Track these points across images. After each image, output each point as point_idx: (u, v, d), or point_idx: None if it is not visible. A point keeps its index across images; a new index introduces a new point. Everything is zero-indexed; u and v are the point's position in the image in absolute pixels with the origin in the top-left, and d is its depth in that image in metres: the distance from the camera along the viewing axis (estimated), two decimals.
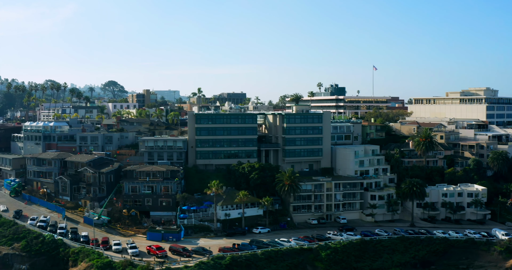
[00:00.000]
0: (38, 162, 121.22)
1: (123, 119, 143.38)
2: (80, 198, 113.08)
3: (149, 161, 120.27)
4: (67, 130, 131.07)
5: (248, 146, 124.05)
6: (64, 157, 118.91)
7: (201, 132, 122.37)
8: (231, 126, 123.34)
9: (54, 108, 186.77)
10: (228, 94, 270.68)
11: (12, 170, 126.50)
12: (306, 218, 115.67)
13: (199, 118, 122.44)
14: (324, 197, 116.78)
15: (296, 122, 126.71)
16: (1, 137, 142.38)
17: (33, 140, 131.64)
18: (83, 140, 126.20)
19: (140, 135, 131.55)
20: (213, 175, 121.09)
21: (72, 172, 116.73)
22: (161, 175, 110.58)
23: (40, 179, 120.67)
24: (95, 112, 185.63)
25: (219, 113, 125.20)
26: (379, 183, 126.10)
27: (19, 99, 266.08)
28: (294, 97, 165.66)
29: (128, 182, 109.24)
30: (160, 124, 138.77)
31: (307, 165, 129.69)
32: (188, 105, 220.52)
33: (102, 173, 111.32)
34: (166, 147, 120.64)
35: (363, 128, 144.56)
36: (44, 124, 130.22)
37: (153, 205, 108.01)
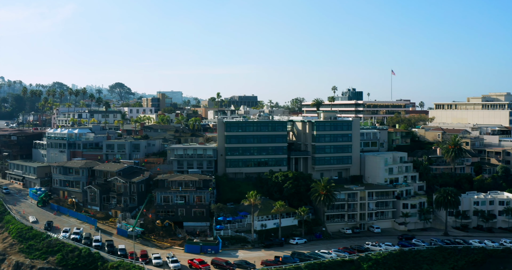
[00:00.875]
0: (64, 171, 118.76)
1: (147, 126, 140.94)
2: (110, 208, 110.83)
3: (179, 170, 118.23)
4: (92, 137, 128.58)
5: (278, 154, 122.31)
6: (92, 166, 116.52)
7: (231, 140, 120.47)
8: (261, 134, 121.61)
9: (69, 113, 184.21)
10: (239, 97, 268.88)
11: (36, 178, 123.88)
12: (339, 227, 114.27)
13: (229, 126, 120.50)
14: (358, 206, 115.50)
15: (325, 129, 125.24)
16: (22, 144, 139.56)
17: (57, 148, 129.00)
18: (110, 148, 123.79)
19: (166, 142, 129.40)
20: (244, 184, 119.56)
21: (101, 182, 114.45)
22: (193, 184, 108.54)
23: (67, 188, 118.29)
24: (111, 116, 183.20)
25: (249, 121, 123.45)
26: (409, 191, 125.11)
27: (30, 102, 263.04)
28: (315, 102, 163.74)
29: (160, 192, 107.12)
30: (185, 131, 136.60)
31: (336, 173, 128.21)
32: (203, 109, 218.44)
33: (133, 183, 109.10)
34: (196, 155, 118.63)
35: (389, 134, 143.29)
36: (69, 131, 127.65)
37: (187, 215, 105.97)
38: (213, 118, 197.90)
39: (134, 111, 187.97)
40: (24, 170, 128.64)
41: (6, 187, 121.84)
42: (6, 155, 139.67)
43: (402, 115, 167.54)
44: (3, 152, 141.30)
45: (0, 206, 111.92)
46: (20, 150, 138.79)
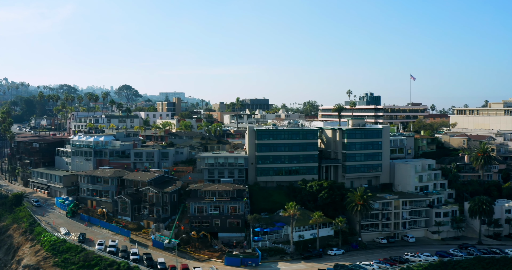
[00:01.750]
0: (92, 180, 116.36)
1: (172, 133, 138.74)
2: (142, 218, 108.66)
3: (209, 179, 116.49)
4: (118, 145, 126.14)
5: (309, 162, 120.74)
6: (121, 175, 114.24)
7: (262, 148, 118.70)
8: (292, 142, 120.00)
9: (86, 118, 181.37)
10: (251, 100, 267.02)
11: (63, 187, 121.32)
12: (373, 237, 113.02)
13: (260, 134, 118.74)
14: (392, 215, 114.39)
15: (356, 137, 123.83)
16: (44, 151, 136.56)
17: (82, 156, 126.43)
18: (138, 156, 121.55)
19: (194, 150, 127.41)
20: (275, 193, 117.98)
21: (131, 191, 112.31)
22: (227, 194, 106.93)
23: (95, 197, 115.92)
24: (128, 121, 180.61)
25: (280, 129, 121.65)
26: (440, 199, 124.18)
27: (39, 106, 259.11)
28: (337, 107, 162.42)
29: (194, 202, 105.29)
30: (211, 138, 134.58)
31: (366, 181, 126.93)
32: (218, 113, 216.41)
33: (166, 193, 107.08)
34: (227, 164, 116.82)
35: (415, 141, 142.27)
36: (95, 139, 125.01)
37: (222, 226, 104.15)
38: (229, 123, 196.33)
39: (150, 115, 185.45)
40: (49, 178, 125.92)
41: (36, 200, 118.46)
42: (28, 163, 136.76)
43: (424, 121, 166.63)
44: (24, 159, 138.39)
45: (29, 217, 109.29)
46: (43, 157, 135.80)
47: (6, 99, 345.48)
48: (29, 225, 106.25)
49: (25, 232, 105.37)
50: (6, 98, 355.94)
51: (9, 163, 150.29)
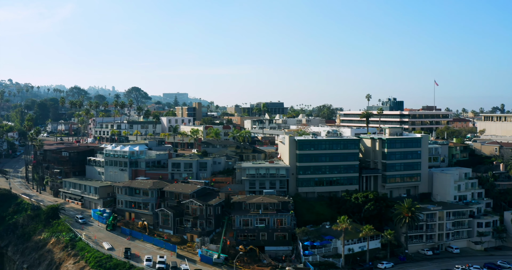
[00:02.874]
0: (130, 191, 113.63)
1: (205, 141, 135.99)
2: (185, 232, 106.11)
3: (251, 190, 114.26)
4: (154, 155, 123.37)
5: (349, 173, 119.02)
6: (161, 187, 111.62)
7: (302, 159, 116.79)
8: (333, 152, 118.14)
9: (107, 123, 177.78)
10: (265, 104, 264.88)
11: (99, 199, 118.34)
12: (418, 248, 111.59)
13: (301, 144, 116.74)
14: (436, 226, 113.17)
15: (396, 147, 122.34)
16: (75, 160, 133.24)
17: (116, 166, 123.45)
18: (176, 166, 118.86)
19: (230, 159, 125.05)
20: (317, 204, 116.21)
21: (172, 203, 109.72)
22: (273, 206, 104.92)
23: (134, 209, 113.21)
24: (150, 127, 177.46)
25: (321, 139, 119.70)
26: (480, 209, 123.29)
27: (53, 109, 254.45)
28: (365, 113, 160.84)
29: (240, 215, 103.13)
30: (246, 147, 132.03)
31: (405, 191, 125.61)
32: (238, 118, 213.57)
33: (210, 206, 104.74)
34: (269, 174, 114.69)
35: (449, 149, 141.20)
36: (130, 148, 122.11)
37: (268, 239, 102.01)
38: (251, 128, 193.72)
39: (172, 121, 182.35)
40: (83, 189, 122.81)
41: (81, 217, 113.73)
42: (57, 172, 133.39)
43: (452, 127, 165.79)
44: (53, 168, 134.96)
45: (68, 231, 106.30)
46: (73, 167, 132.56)
47: (14, 101, 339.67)
48: (69, 239, 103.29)
49: (66, 247, 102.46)
50: (14, 100, 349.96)
51: (35, 171, 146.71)
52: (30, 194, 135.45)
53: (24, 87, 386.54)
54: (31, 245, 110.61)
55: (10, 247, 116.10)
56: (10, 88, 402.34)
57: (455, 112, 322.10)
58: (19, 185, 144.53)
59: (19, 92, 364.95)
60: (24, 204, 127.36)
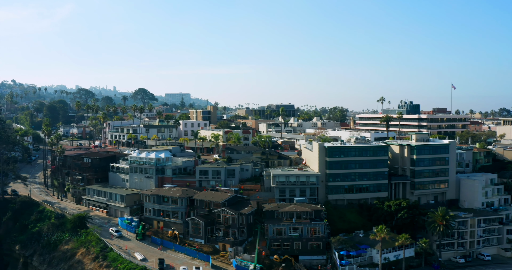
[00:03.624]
0: (158, 200, 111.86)
1: (230, 147, 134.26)
2: (217, 241, 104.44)
3: (281, 198, 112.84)
4: (181, 162, 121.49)
5: (379, 180, 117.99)
6: (190, 195, 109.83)
7: (332, 166, 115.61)
8: (362, 159, 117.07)
9: (123, 127, 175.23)
10: (276, 106, 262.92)
11: (125, 207, 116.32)
12: (449, 256, 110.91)
13: (331, 151, 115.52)
14: (468, 234, 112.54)
15: (424, 153, 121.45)
16: (97, 167, 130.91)
17: (142, 173, 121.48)
18: (204, 174, 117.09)
19: (257, 166, 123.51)
20: (347, 212, 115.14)
21: (202, 212, 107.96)
22: (306, 215, 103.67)
23: (162, 218, 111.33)
24: (166, 131, 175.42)
25: (350, 146, 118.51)
26: (508, 215, 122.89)
27: (63, 112, 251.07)
28: (384, 118, 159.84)
29: (273, 224, 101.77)
30: (272, 153, 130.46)
31: (432, 197, 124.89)
32: (253, 121, 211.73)
33: (243, 215, 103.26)
34: (299, 182, 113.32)
35: (473, 154, 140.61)
36: (156, 155, 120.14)
37: (302, 249, 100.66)
38: (266, 132, 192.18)
39: (188, 125, 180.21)
40: (108, 197, 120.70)
41: (117, 230, 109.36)
42: (79, 179, 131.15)
43: (472, 132, 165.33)
44: (75, 175, 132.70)
45: (98, 241, 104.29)
46: (95, 173, 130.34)
47: (20, 102, 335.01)
48: (100, 250, 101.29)
49: (97, 257, 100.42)
50: (20, 101, 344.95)
51: (54, 177, 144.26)
52: (51, 201, 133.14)
53: (28, 88, 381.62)
54: (58, 255, 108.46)
55: (35, 256, 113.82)
56: (14, 89, 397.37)
57: (461, 113, 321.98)
58: (39, 192, 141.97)
59: (26, 94, 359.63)
60: (47, 211, 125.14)
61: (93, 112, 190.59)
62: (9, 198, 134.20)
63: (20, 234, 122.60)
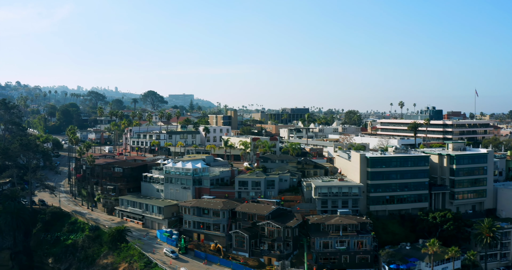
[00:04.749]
0: (199, 212, 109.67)
1: (264, 156, 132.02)
2: (262, 254, 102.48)
3: (323, 209, 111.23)
4: (218, 172, 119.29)
5: (419, 190, 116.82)
6: (232, 207, 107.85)
7: (374, 176, 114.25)
8: (403, 169, 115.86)
9: (145, 133, 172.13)
10: (291, 110, 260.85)
11: (164, 219, 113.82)
12: (492, 266, 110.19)
13: (373, 161, 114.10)
14: (511, 244, 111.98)
15: (464, 163, 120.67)
16: (129, 177, 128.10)
17: (178, 184, 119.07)
18: (243, 184, 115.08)
19: (294, 176, 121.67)
20: (389, 223, 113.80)
21: (245, 225, 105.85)
22: (352, 228, 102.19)
23: (203, 230, 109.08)
24: (189, 137, 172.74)
25: (392, 156, 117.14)
26: None
27: (76, 115, 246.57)
28: (412, 125, 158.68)
29: (320, 237, 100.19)
30: (308, 162, 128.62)
31: (470, 207, 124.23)
32: (273, 126, 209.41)
33: (289, 228, 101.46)
34: (341, 193, 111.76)
35: (506, 162, 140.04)
36: (193, 166, 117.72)
37: (350, 262, 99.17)
38: (287, 138, 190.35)
39: (211, 130, 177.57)
40: (144, 208, 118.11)
41: (172, 250, 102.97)
42: (110, 189, 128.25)
43: (498, 138, 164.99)
44: (106, 184, 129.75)
45: (141, 255, 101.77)
46: (127, 183, 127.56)
47: (28, 104, 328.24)
48: (144, 265, 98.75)
49: None
50: (28, 103, 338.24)
51: (82, 186, 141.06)
52: (82, 212, 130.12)
53: (34, 90, 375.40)
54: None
55: None
56: (19, 90, 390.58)
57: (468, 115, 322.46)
58: (66, 201, 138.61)
59: (37, 97, 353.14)
60: (79, 223, 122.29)
61: (118, 118, 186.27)
62: (38, 208, 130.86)
63: (52, 246, 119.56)
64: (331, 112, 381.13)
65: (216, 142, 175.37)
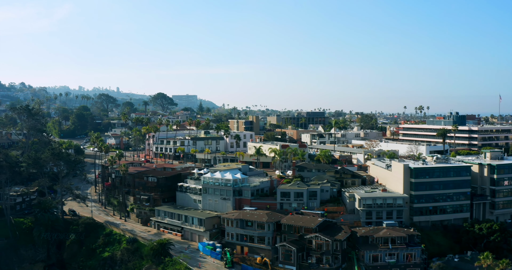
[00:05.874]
0: (242, 224, 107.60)
1: (300, 165, 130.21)
2: (310, 268, 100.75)
3: (367, 221, 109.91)
4: (259, 183, 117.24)
5: (460, 200, 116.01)
6: (277, 219, 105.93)
7: (418, 187, 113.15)
8: (446, 179, 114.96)
9: (169, 139, 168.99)
10: (307, 113, 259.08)
11: (205, 231, 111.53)
12: None
13: (417, 172, 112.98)
14: None
15: (504, 172, 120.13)
16: (163, 186, 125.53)
17: (217, 194, 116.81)
18: (285, 195, 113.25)
19: (334, 186, 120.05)
20: (433, 234, 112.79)
21: (291, 237, 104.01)
22: (401, 240, 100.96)
23: (246, 243, 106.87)
24: (213, 143, 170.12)
25: (435, 166, 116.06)
26: None
27: (90, 119, 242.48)
28: (442, 131, 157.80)
29: (369, 251, 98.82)
30: (346, 172, 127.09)
31: (509, 216, 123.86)
32: (294, 131, 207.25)
33: (338, 241, 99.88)
34: (386, 204, 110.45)
35: None
36: (233, 176, 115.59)
37: None
38: (310, 143, 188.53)
39: (234, 136, 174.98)
40: (183, 219, 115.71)
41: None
42: (144, 199, 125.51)
43: None
44: (139, 195, 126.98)
45: None
46: (162, 193, 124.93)
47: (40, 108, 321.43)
48: None
49: None
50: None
51: (111, 195, 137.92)
52: (115, 222, 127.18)
53: (40, 92, 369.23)
54: None
55: None
56: (24, 92, 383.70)
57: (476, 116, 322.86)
58: (97, 211, 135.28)
59: (48, 100, 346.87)
60: (115, 235, 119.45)
61: (143, 124, 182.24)
62: (69, 219, 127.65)
63: (87, 259, 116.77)
64: (338, 114, 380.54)
65: (239, 148, 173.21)
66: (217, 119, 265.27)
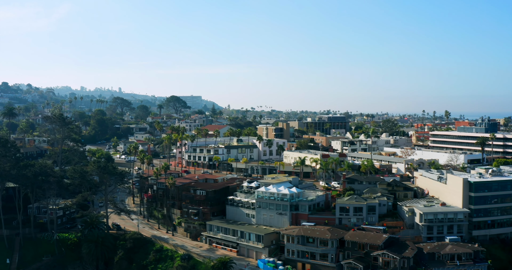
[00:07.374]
0: (303, 240, 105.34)
1: (351, 177, 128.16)
2: None
3: (428, 236, 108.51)
4: (315, 197, 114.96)
5: None
6: (340, 236, 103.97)
7: (477, 201, 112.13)
8: (504, 193, 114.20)
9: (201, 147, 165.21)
10: (328, 118, 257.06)
11: (264, 247, 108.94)
12: None
13: (477, 186, 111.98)
14: None
15: None
16: (212, 200, 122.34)
17: (272, 209, 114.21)
18: (344, 210, 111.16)
19: (389, 200, 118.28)
20: (492, 248, 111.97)
21: (355, 254, 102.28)
22: (467, 256, 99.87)
23: (308, 260, 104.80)
24: (247, 151, 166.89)
25: (494, 180, 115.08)
26: None
27: (110, 124, 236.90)
28: (481, 139, 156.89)
29: (437, 267, 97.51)
30: (398, 184, 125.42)
31: None
32: (323, 138, 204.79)
33: (405, 258, 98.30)
34: (447, 219, 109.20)
35: None
36: (289, 191, 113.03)
37: None
38: (341, 150, 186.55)
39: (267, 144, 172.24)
40: (238, 235, 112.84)
41: None
42: (193, 213, 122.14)
43: None
44: (187, 208, 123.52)
45: None
46: (211, 207, 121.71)
47: (39, 108, 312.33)
48: None
49: None
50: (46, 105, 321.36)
51: (154, 208, 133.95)
52: (163, 237, 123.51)
53: (47, 93, 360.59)
54: None
55: None
56: (31, 93, 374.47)
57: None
58: (140, 224, 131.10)
59: (63, 103, 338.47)
60: (167, 251, 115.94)
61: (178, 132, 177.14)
62: (115, 233, 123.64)
63: None
64: (348, 116, 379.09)
65: (272, 155, 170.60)
66: (235, 124, 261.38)
